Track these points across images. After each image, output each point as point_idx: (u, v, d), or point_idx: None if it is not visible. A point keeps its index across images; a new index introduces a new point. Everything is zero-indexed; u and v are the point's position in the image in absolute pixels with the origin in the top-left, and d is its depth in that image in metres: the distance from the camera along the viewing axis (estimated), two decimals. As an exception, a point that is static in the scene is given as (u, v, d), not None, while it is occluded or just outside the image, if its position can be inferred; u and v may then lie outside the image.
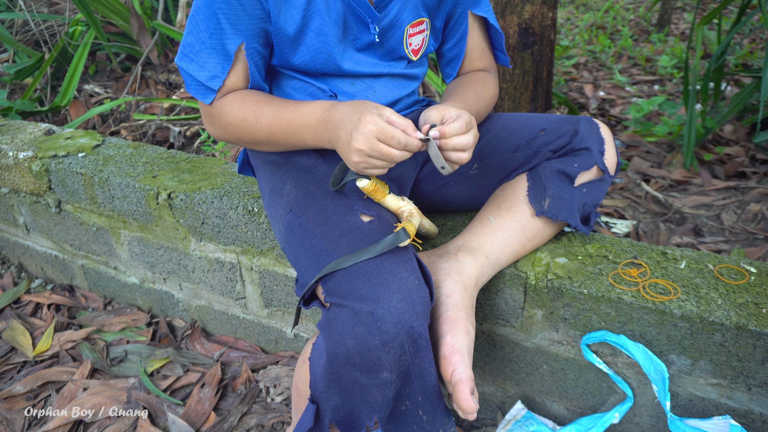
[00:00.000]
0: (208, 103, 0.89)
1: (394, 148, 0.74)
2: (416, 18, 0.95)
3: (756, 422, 0.90)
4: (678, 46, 3.29)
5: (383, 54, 0.96)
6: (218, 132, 0.93)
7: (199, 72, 0.87)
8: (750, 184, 1.73)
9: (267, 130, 0.88)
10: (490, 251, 0.92)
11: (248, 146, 0.95)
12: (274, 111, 0.87)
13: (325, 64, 0.91)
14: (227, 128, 0.91)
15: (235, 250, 1.23)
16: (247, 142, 0.92)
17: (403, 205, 0.85)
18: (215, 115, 0.91)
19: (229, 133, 0.91)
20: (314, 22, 0.86)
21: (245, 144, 0.93)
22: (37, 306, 1.56)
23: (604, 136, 0.99)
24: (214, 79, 0.87)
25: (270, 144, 0.91)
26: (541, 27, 2.04)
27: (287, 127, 0.86)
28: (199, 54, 0.86)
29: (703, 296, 0.88)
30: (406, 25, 0.94)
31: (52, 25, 2.59)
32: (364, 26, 0.91)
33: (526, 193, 0.96)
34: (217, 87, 0.88)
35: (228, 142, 0.97)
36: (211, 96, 0.88)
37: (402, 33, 0.95)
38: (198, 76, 0.87)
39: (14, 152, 1.45)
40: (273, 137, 0.88)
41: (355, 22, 0.90)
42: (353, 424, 0.78)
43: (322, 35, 0.88)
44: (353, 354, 0.72)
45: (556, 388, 1.05)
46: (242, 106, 0.88)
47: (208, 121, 0.94)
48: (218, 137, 0.95)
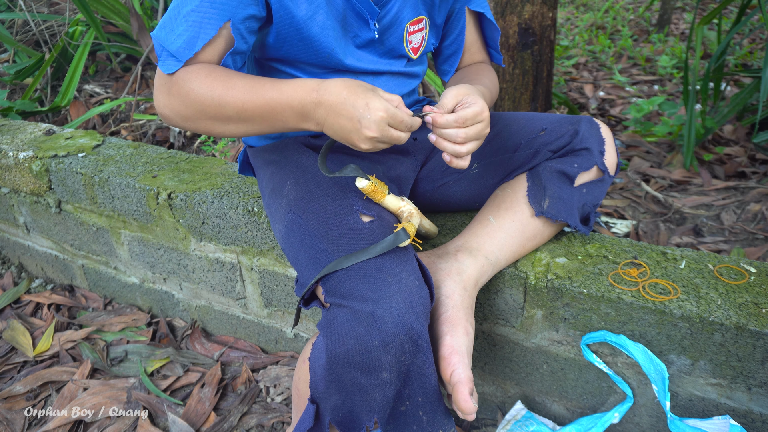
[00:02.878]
0: (170, 72, 0.79)
1: (402, 132, 0.75)
2: (416, 16, 0.95)
3: (756, 422, 0.90)
4: (678, 46, 3.29)
5: (383, 52, 0.96)
6: (175, 104, 0.80)
7: (172, 42, 0.78)
8: (750, 184, 1.73)
9: (238, 106, 0.78)
10: (489, 251, 0.92)
11: (209, 126, 0.81)
12: (248, 85, 0.78)
13: (328, 58, 0.89)
14: (188, 98, 0.78)
15: (235, 250, 1.23)
16: (210, 117, 0.79)
17: (402, 206, 0.85)
18: (175, 83, 0.79)
19: (188, 104, 0.79)
20: (319, 16, 0.85)
21: (205, 123, 0.81)
22: (37, 306, 1.56)
23: (605, 137, 0.99)
24: (186, 50, 0.78)
25: (239, 122, 0.79)
26: (541, 27, 2.04)
27: (264, 106, 0.77)
28: (177, 25, 0.78)
29: (702, 296, 0.88)
30: (406, 23, 0.94)
31: (52, 25, 2.59)
32: (364, 23, 0.90)
33: (526, 194, 0.96)
34: (185, 58, 0.78)
35: (182, 122, 0.82)
36: (175, 66, 0.79)
37: (402, 31, 0.94)
38: (169, 45, 0.78)
39: (14, 152, 1.45)
40: (245, 114, 0.78)
41: (355, 19, 0.90)
42: (353, 425, 0.78)
43: (326, 29, 0.86)
44: (353, 354, 0.72)
45: (556, 388, 1.05)
46: (211, 75, 0.78)
47: (163, 92, 0.81)
48: (171, 113, 0.81)
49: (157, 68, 0.80)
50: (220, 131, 0.82)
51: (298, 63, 0.92)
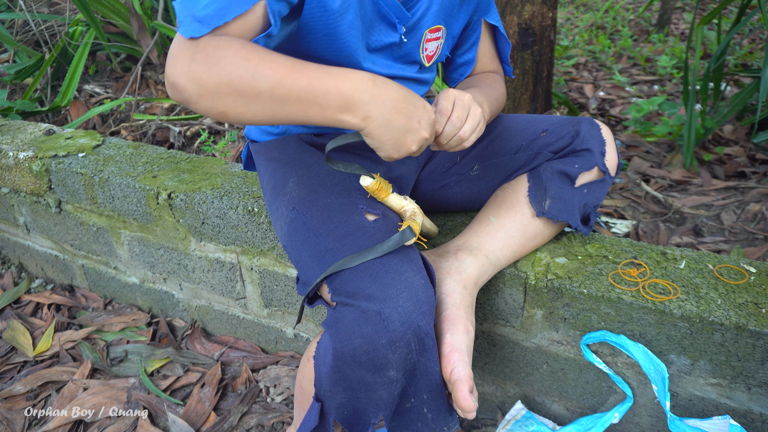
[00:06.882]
0: (194, 35, 0.67)
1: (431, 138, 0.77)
2: (435, 24, 0.94)
3: (756, 422, 0.90)
4: (678, 46, 3.29)
5: (398, 56, 0.94)
6: (197, 71, 0.67)
7: (200, 8, 0.68)
8: (750, 184, 1.74)
9: (274, 80, 0.67)
10: (490, 251, 0.92)
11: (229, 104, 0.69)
12: (290, 61, 0.69)
13: (348, 58, 0.86)
14: (216, 65, 0.67)
15: (235, 250, 1.23)
16: (235, 92, 0.68)
17: (405, 204, 0.85)
18: (202, 48, 0.68)
19: (214, 73, 0.67)
20: (349, 14, 0.82)
21: (226, 99, 0.68)
22: (37, 306, 1.56)
23: (606, 138, 0.99)
24: (215, 18, 0.68)
25: (268, 101, 0.69)
26: (541, 27, 2.04)
27: (305, 85, 0.68)
28: None
29: (702, 296, 0.88)
30: (425, 30, 0.93)
31: (52, 25, 2.59)
32: (389, 26, 0.89)
33: (527, 194, 0.96)
34: (214, 25, 0.68)
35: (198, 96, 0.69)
36: (201, 31, 0.68)
37: (420, 37, 0.93)
38: (197, 11, 0.68)
39: (14, 152, 1.45)
40: (279, 91, 0.68)
41: (379, 22, 0.88)
42: (358, 422, 0.78)
43: (353, 29, 0.83)
44: (360, 353, 0.72)
45: (556, 388, 1.05)
46: (247, 46, 0.69)
47: (183, 57, 0.68)
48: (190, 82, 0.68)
49: (176, 35, 0.70)
50: (239, 112, 0.70)
51: (311, 58, 0.82)
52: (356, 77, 0.69)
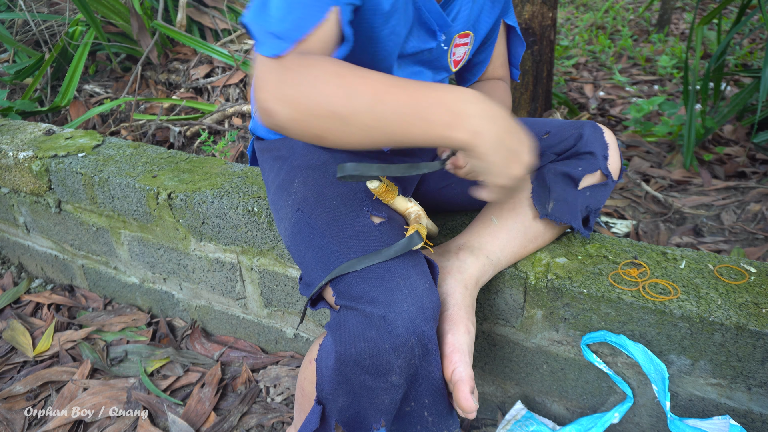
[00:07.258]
0: (278, 53, 0.64)
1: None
2: (465, 29, 0.93)
3: (756, 422, 0.90)
4: (678, 46, 3.29)
5: (425, 61, 0.93)
6: (289, 94, 0.64)
7: (275, 23, 0.65)
8: (750, 184, 1.74)
9: (373, 96, 0.63)
10: (491, 251, 0.92)
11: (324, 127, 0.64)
12: (386, 77, 0.65)
13: (383, 62, 0.84)
14: (310, 86, 0.63)
15: (235, 250, 1.23)
16: (331, 114, 0.63)
17: (410, 206, 0.85)
18: (290, 68, 0.64)
19: (308, 94, 0.63)
20: (393, 19, 0.78)
21: (322, 122, 0.64)
22: (37, 306, 1.56)
23: (608, 141, 0.99)
24: (295, 30, 0.65)
25: (367, 119, 0.64)
26: (541, 27, 2.04)
27: (407, 100, 0.63)
28: (277, 7, 0.67)
29: (703, 296, 0.88)
30: (455, 35, 0.92)
31: (52, 25, 2.59)
32: (428, 33, 0.87)
33: (530, 195, 0.96)
34: (295, 39, 0.64)
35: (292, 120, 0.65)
36: (284, 47, 0.65)
37: (450, 42, 0.92)
38: (272, 26, 0.65)
39: (14, 152, 1.45)
40: (379, 107, 0.63)
41: (418, 28, 0.86)
42: (360, 426, 0.78)
43: (394, 34, 0.81)
44: (363, 357, 0.71)
45: (556, 388, 1.05)
46: (337, 62, 0.65)
47: (271, 80, 0.65)
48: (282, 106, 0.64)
49: (258, 57, 0.66)
50: (336, 136, 0.65)
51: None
52: (465, 92, 0.65)
